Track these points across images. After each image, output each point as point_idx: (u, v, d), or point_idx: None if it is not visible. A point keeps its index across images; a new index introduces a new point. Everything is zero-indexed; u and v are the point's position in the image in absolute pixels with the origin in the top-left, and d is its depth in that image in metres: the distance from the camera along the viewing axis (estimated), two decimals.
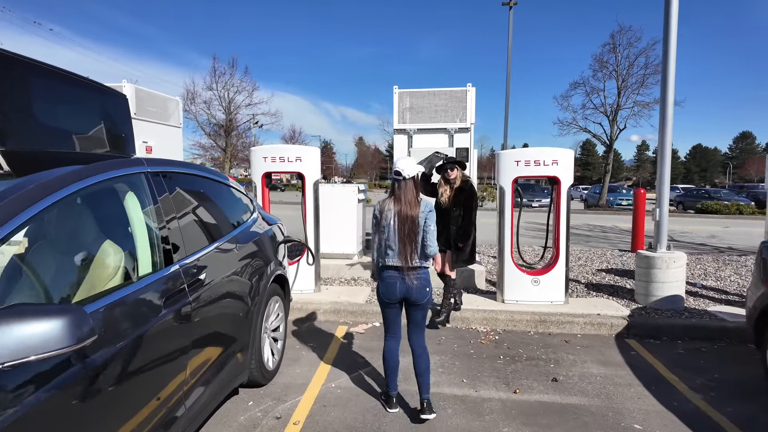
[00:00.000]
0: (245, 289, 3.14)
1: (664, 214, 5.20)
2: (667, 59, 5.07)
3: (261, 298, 3.38)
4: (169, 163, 2.70)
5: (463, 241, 4.57)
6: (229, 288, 2.90)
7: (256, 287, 3.31)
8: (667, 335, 4.61)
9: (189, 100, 27.40)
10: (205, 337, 2.54)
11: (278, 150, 5.34)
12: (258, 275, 3.38)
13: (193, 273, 2.49)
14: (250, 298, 3.18)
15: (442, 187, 4.61)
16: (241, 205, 3.69)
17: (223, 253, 2.96)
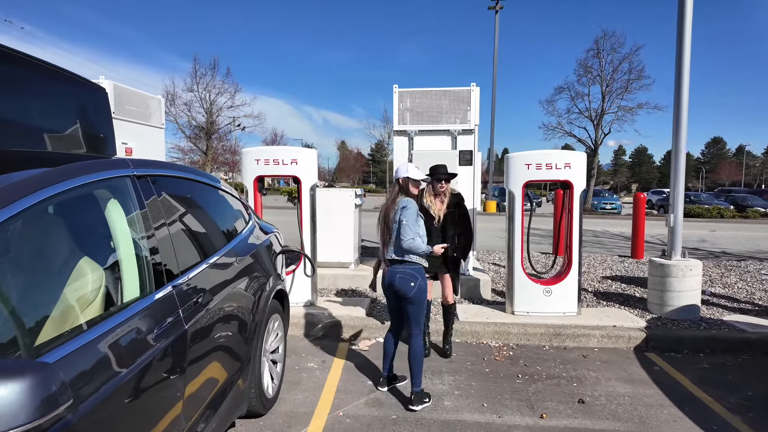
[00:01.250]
0: (245, 310, 2.76)
1: (678, 220, 5.00)
2: (681, 59, 4.88)
3: (261, 318, 2.99)
4: (157, 165, 2.31)
5: (464, 256, 4.12)
6: (229, 309, 2.51)
7: (255, 306, 2.93)
8: (688, 348, 4.38)
9: (169, 101, 26.55)
10: (204, 370, 2.15)
11: (272, 152, 4.95)
12: (258, 292, 3.00)
13: (188, 295, 2.10)
14: (250, 319, 2.80)
15: (429, 196, 3.98)
16: (237, 213, 3.30)
17: (221, 269, 2.57)
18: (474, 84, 5.64)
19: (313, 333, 4.62)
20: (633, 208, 8.20)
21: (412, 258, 3.18)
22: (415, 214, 3.16)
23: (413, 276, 3.17)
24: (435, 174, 3.94)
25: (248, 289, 2.87)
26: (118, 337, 1.62)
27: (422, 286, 3.20)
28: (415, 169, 3.28)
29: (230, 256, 2.76)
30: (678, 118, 4.93)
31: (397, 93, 5.73)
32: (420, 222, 3.20)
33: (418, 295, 3.18)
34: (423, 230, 3.21)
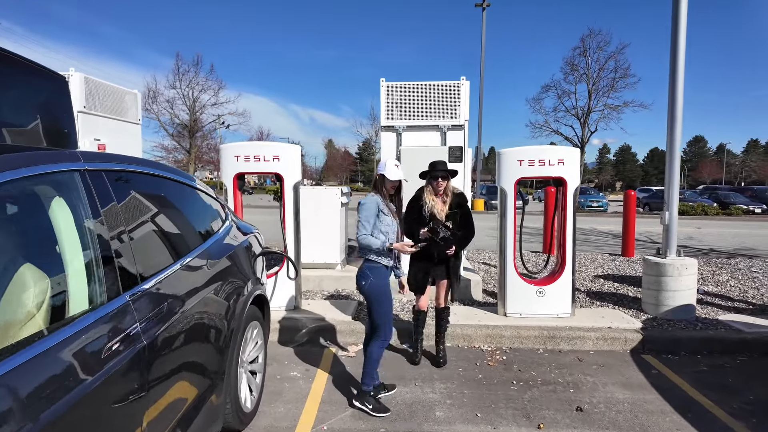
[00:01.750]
0: (218, 318, 2.52)
1: (673, 218, 4.87)
2: (675, 56, 4.74)
3: (238, 326, 2.75)
4: (116, 159, 2.05)
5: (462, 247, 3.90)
6: (199, 318, 2.27)
7: (231, 314, 2.69)
8: (685, 349, 4.25)
9: (150, 98, 25.95)
10: (169, 390, 1.91)
11: (253, 148, 4.70)
12: (234, 298, 2.76)
13: (149, 305, 1.86)
14: (224, 328, 2.56)
15: (430, 195, 3.65)
16: (211, 213, 3.06)
17: (191, 274, 2.33)
18: (464, 78, 5.45)
19: (297, 339, 4.38)
20: (624, 205, 8.11)
21: (369, 256, 3.07)
22: (371, 211, 3.05)
23: (364, 275, 3.08)
24: (433, 171, 3.63)
25: (222, 294, 2.64)
26: (58, 359, 1.38)
27: (375, 285, 3.06)
28: (394, 168, 3.11)
29: (202, 259, 2.52)
30: (672, 115, 4.80)
31: (384, 87, 5.51)
32: (386, 220, 3.06)
33: (370, 294, 3.08)
34: (388, 228, 3.07)
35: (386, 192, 3.13)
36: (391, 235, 3.07)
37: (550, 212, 8.32)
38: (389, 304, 3.09)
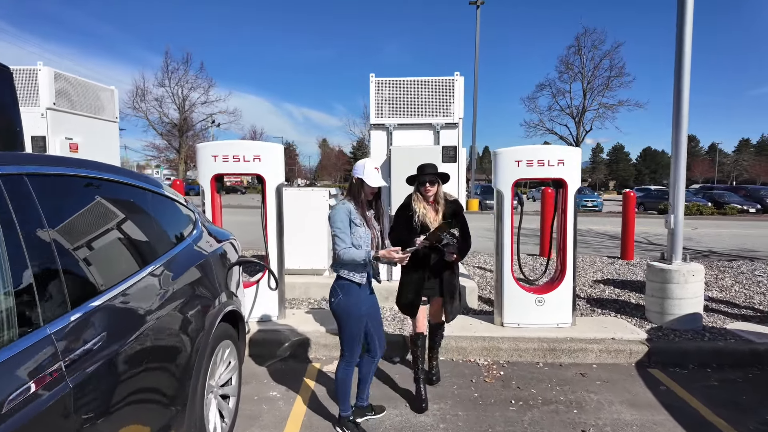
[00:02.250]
0: (179, 341, 2.21)
1: (679, 221, 4.61)
2: (681, 53, 4.48)
3: (205, 347, 2.44)
4: (43, 161, 1.73)
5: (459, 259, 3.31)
6: (153, 344, 1.96)
7: (196, 334, 2.37)
8: (694, 362, 3.99)
9: (139, 97, 25.45)
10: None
11: (231, 147, 4.38)
12: (200, 316, 2.45)
13: (80, 337, 1.55)
14: (186, 351, 2.25)
15: (420, 203, 3.19)
16: (177, 220, 2.74)
17: (144, 291, 2.02)
18: (458, 73, 5.16)
19: (279, 353, 4.07)
20: (623, 206, 7.86)
21: (341, 271, 2.74)
22: (344, 222, 2.70)
23: (335, 291, 2.79)
24: (421, 174, 3.19)
25: (186, 312, 2.32)
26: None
27: (343, 303, 2.74)
28: (374, 173, 2.73)
29: (160, 274, 2.21)
30: (678, 114, 4.54)
31: (374, 83, 5.21)
32: (358, 231, 2.71)
33: (336, 312, 2.78)
34: (361, 240, 2.71)
35: (364, 198, 2.75)
36: (364, 248, 2.73)
37: (548, 214, 8.06)
38: (356, 324, 2.75)
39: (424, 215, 3.15)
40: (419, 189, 3.21)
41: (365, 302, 2.78)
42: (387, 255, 2.65)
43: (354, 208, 2.72)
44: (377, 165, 2.80)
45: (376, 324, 2.91)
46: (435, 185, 3.17)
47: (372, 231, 2.79)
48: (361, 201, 2.74)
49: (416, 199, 3.21)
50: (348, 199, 2.78)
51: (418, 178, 3.22)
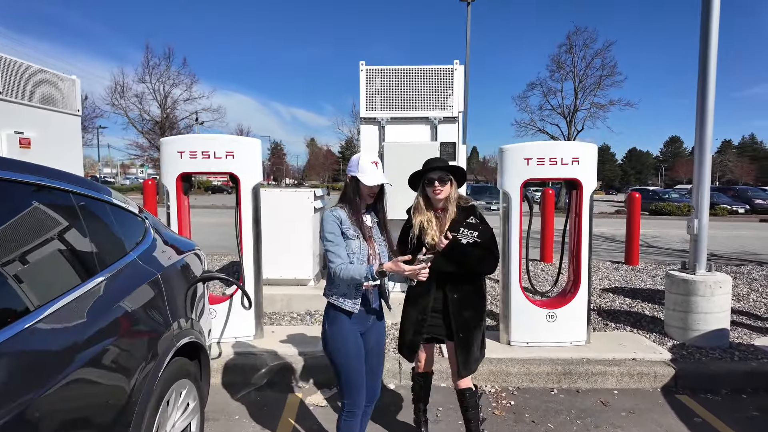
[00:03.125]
0: (111, 390, 1.66)
1: (703, 227, 4.16)
2: (707, 50, 4.02)
3: (149, 393, 1.89)
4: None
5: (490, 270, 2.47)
6: (75, 394, 1.41)
7: (138, 377, 1.82)
8: (726, 386, 3.54)
9: (118, 93, 24.48)
10: None
11: (200, 141, 3.81)
12: (144, 352, 1.89)
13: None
14: (122, 401, 1.70)
15: (422, 216, 2.47)
16: (121, 230, 2.18)
17: (58, 327, 1.46)
18: (457, 62, 4.65)
19: (254, 381, 3.51)
20: (627, 209, 7.44)
21: (331, 296, 2.20)
22: (334, 230, 2.15)
23: (324, 320, 2.26)
24: (427, 171, 2.46)
25: (125, 349, 1.77)
26: None
27: (330, 336, 2.20)
28: (371, 168, 2.16)
29: (88, 300, 1.65)
30: (703, 113, 4.07)
31: (364, 71, 4.67)
32: (351, 245, 2.15)
33: (325, 349, 2.25)
34: (354, 256, 2.14)
35: (360, 202, 2.19)
36: (360, 258, 2.16)
37: (549, 217, 7.61)
38: (347, 363, 2.17)
39: (424, 228, 2.44)
40: (425, 191, 2.50)
41: (357, 335, 2.21)
42: (394, 267, 2.04)
43: (346, 216, 2.17)
44: (375, 158, 2.21)
45: (373, 364, 2.34)
46: (446, 185, 2.43)
47: (371, 244, 2.21)
48: (356, 206, 2.17)
49: (416, 208, 2.51)
50: (341, 205, 2.22)
51: (423, 176, 2.49)
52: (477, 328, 2.50)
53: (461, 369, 2.48)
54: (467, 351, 2.46)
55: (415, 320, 2.52)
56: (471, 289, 2.48)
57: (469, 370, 2.49)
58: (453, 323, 2.46)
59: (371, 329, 2.29)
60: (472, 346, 2.48)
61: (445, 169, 2.44)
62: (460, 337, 2.46)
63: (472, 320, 2.48)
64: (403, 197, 2.80)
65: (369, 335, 2.29)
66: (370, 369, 2.30)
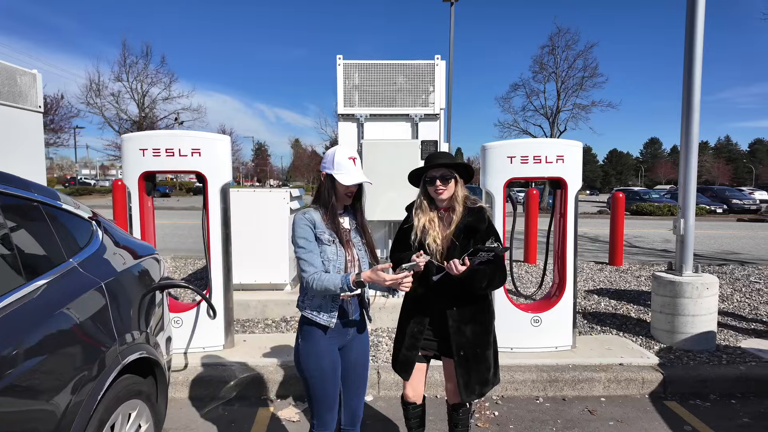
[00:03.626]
0: (34, 419, 1.43)
1: (689, 227, 4.06)
2: (692, 48, 3.93)
3: (87, 417, 1.66)
4: None
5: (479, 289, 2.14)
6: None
7: (75, 399, 1.60)
8: (715, 392, 3.43)
9: (93, 91, 23.76)
10: None
11: (165, 139, 3.56)
12: (81, 370, 1.67)
13: None
14: (52, 429, 1.47)
15: (422, 213, 2.23)
16: (63, 234, 1.95)
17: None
18: (438, 57, 4.49)
19: (223, 394, 3.28)
20: (611, 209, 7.38)
21: (305, 309, 1.97)
22: (306, 235, 1.92)
23: (297, 333, 2.04)
24: (429, 168, 2.19)
25: (53, 370, 1.55)
26: None
27: (302, 352, 1.96)
28: (349, 164, 1.95)
29: (5, 316, 1.42)
30: (689, 112, 3.98)
31: (341, 66, 4.47)
32: (326, 251, 1.92)
33: (296, 366, 2.01)
34: (329, 263, 1.92)
35: (335, 203, 1.96)
36: (338, 264, 1.94)
37: (533, 217, 7.52)
38: (319, 382, 1.94)
39: (426, 229, 2.18)
40: (426, 189, 2.24)
41: (334, 351, 1.99)
42: (372, 276, 1.82)
43: (320, 218, 1.94)
44: (353, 153, 1.99)
45: (354, 382, 2.09)
46: (450, 182, 2.16)
47: (349, 250, 2.00)
48: (332, 207, 1.95)
49: (419, 207, 2.24)
50: (314, 206, 2.00)
51: (425, 173, 2.22)
52: (482, 347, 2.22)
53: (463, 392, 2.20)
54: (469, 372, 2.19)
55: (411, 333, 2.26)
56: (473, 300, 2.21)
57: (472, 393, 2.20)
58: (452, 339, 2.18)
59: (351, 343, 2.06)
60: (480, 366, 2.20)
61: (448, 166, 2.17)
62: (461, 356, 2.18)
63: (475, 337, 2.20)
64: (385, 198, 2.60)
65: (349, 350, 2.06)
66: (351, 388, 2.08)
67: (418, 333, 2.25)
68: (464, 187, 2.23)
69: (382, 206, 4.20)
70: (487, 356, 2.25)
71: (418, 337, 2.24)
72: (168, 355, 2.61)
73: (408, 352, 2.26)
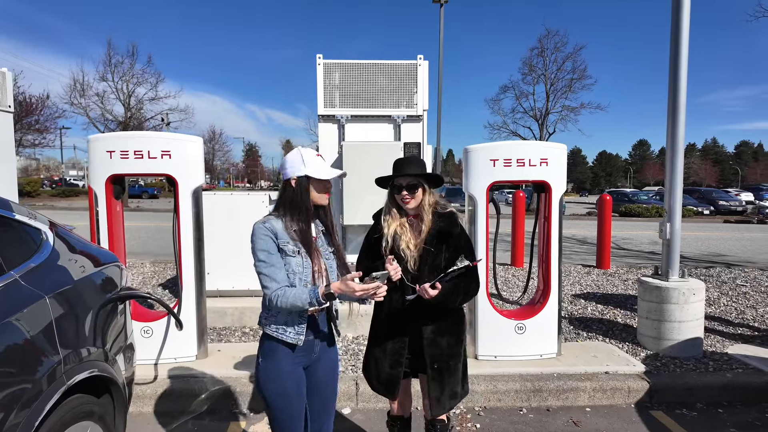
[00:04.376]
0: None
1: (675, 231, 3.99)
2: (677, 51, 3.86)
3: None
4: None
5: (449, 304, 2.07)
6: None
7: (8, 426, 1.45)
8: (702, 400, 3.35)
9: (77, 91, 23.34)
10: None
11: (133, 140, 3.40)
12: (14, 393, 1.52)
13: None
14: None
15: (391, 220, 2.13)
16: (2, 244, 1.80)
17: None
18: (421, 57, 4.38)
19: (194, 407, 3.13)
20: (598, 212, 7.33)
21: (266, 326, 1.82)
22: (267, 248, 1.78)
23: (258, 352, 1.88)
24: (397, 174, 2.10)
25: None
26: None
27: (261, 374, 1.81)
28: (317, 159, 1.84)
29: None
30: (674, 114, 3.91)
31: (321, 65, 4.35)
32: (291, 263, 1.77)
33: (258, 384, 1.85)
34: (294, 276, 1.78)
35: (309, 209, 1.83)
36: (304, 277, 1.80)
37: (520, 219, 7.44)
38: (284, 405, 1.79)
39: (398, 236, 2.09)
40: (392, 197, 2.14)
41: (299, 372, 1.85)
42: (342, 287, 1.68)
43: (282, 228, 1.80)
44: (317, 152, 1.88)
45: (320, 403, 1.94)
46: (417, 192, 2.07)
47: (316, 260, 1.84)
48: (307, 212, 1.82)
49: (388, 213, 2.14)
50: (276, 214, 1.85)
51: (392, 180, 2.13)
52: (455, 358, 2.15)
53: (433, 407, 2.12)
54: (442, 386, 2.11)
55: (392, 350, 2.13)
56: (447, 311, 2.13)
57: (442, 408, 2.13)
58: (426, 352, 2.09)
59: (320, 360, 1.91)
60: (450, 379, 2.13)
61: (418, 174, 2.07)
62: (435, 369, 2.09)
63: (449, 348, 2.12)
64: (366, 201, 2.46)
65: (316, 368, 1.91)
66: (316, 410, 1.93)
67: (400, 349, 2.13)
68: (433, 194, 2.13)
69: (363, 210, 4.09)
70: (458, 368, 2.17)
71: (401, 353, 2.12)
72: (129, 370, 2.47)
73: (392, 370, 2.14)
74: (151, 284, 5.94)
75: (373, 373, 2.21)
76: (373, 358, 2.21)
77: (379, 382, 2.18)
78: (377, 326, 2.21)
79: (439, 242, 2.06)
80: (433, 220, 2.08)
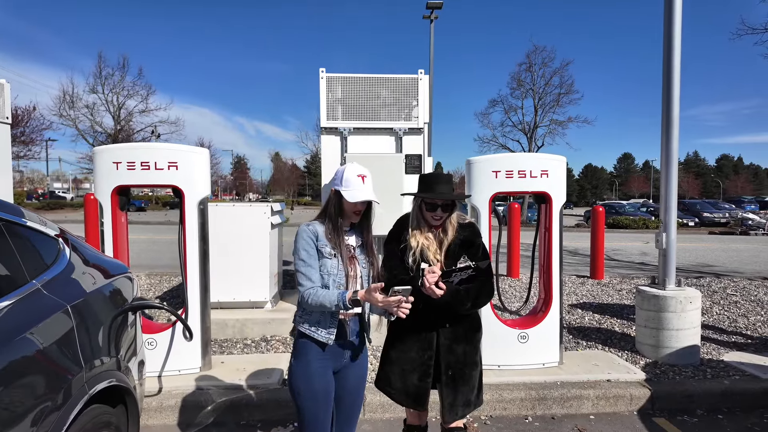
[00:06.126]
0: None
1: (671, 241, 4.10)
2: (670, 67, 4.02)
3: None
4: None
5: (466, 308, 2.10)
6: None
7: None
8: (702, 407, 3.42)
9: (66, 103, 23.15)
10: None
11: (140, 151, 3.42)
12: (43, 402, 1.52)
13: None
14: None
15: (418, 234, 2.11)
16: (25, 254, 1.81)
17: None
18: (422, 71, 4.48)
19: (200, 420, 3.11)
20: (591, 223, 7.45)
21: (301, 324, 1.90)
22: (307, 248, 1.88)
23: (292, 352, 1.97)
24: (426, 191, 2.10)
25: (9, 404, 1.40)
26: None
27: (294, 373, 1.89)
28: (357, 181, 1.89)
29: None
30: (668, 127, 4.05)
31: (324, 79, 4.42)
32: (327, 264, 1.87)
33: (289, 383, 1.92)
34: (329, 277, 1.87)
35: (344, 220, 1.93)
36: (337, 279, 1.89)
37: (516, 231, 7.54)
38: (311, 406, 1.85)
39: (424, 248, 2.09)
40: (421, 213, 2.13)
41: (328, 373, 1.90)
42: (366, 296, 1.77)
43: (323, 231, 1.90)
44: (363, 171, 1.93)
45: (347, 409, 1.99)
46: (448, 211, 2.11)
47: (353, 266, 1.93)
48: (337, 225, 1.91)
49: (416, 228, 2.12)
50: (320, 219, 1.96)
51: (423, 193, 2.11)
52: (470, 366, 2.17)
53: (446, 413, 2.12)
54: (455, 393, 2.13)
55: (420, 362, 2.12)
56: (464, 318, 2.17)
57: (455, 415, 2.12)
58: (441, 359, 2.12)
59: (349, 368, 1.97)
60: (465, 386, 2.14)
61: (447, 195, 2.09)
62: (449, 375, 2.12)
63: (465, 356, 2.15)
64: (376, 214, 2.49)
65: (346, 375, 1.97)
66: (343, 415, 1.98)
67: (428, 360, 2.13)
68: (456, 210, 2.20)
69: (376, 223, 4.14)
70: (474, 376, 2.20)
71: (429, 364, 2.13)
72: (140, 380, 2.46)
73: (421, 382, 2.14)
74: (149, 297, 5.87)
75: (398, 386, 2.17)
76: (397, 370, 2.17)
77: (407, 395, 2.16)
78: (400, 337, 2.20)
79: (461, 251, 2.15)
80: (457, 230, 2.15)
